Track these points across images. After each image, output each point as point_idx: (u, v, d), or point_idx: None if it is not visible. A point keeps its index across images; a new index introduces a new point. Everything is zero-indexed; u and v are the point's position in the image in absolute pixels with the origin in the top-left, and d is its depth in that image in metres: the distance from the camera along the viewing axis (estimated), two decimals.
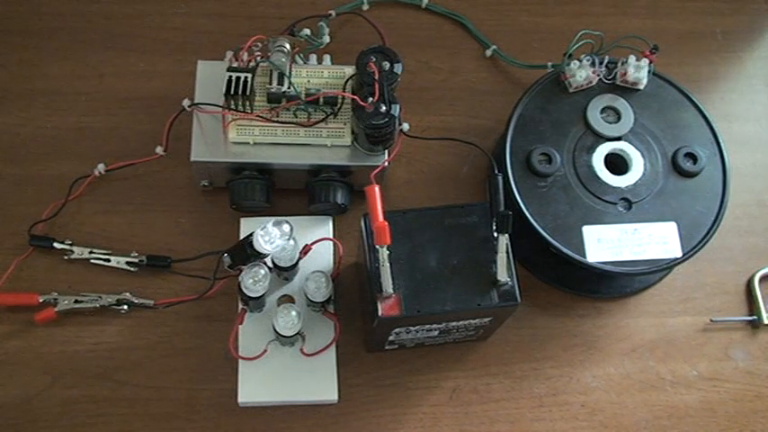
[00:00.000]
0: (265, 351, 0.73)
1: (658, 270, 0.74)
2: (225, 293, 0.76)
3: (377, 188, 0.65)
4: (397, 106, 0.71)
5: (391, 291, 0.65)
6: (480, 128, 0.85)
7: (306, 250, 0.74)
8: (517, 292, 0.66)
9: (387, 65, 0.72)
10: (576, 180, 0.75)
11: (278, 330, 0.70)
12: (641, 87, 0.79)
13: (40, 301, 0.74)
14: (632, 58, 0.78)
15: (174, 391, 0.73)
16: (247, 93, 0.71)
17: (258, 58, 0.74)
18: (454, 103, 0.86)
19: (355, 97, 0.71)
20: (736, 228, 0.84)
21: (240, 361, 0.73)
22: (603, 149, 0.77)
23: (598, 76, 0.78)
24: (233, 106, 0.72)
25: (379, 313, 0.64)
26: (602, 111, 0.78)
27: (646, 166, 0.76)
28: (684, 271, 0.81)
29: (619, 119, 0.78)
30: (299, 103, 0.73)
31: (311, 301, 0.72)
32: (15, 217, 0.77)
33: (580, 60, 0.77)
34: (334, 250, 0.77)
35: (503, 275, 0.66)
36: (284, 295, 0.76)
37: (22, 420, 0.71)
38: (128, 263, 0.76)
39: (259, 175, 0.75)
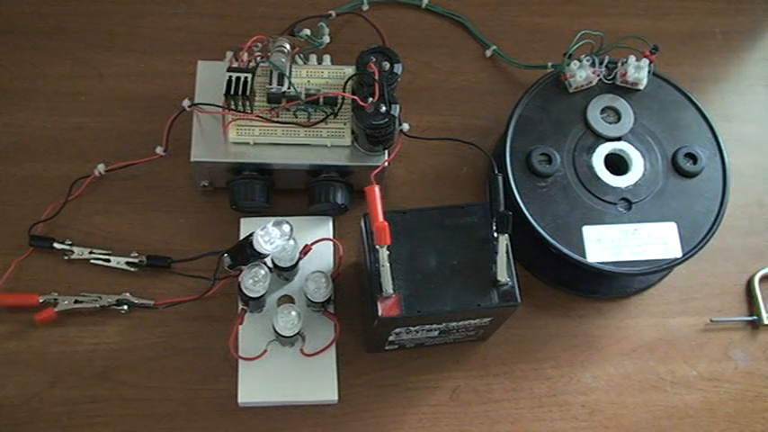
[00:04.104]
0: (265, 351, 0.73)
1: (658, 270, 0.74)
2: (225, 293, 0.76)
3: (377, 188, 0.65)
4: (397, 106, 0.71)
5: (391, 291, 0.65)
6: (480, 128, 0.85)
7: (306, 250, 0.74)
8: (517, 292, 0.66)
9: (387, 65, 0.72)
10: (575, 180, 0.75)
11: (278, 330, 0.70)
12: (641, 87, 0.79)
13: (40, 301, 0.74)
14: (632, 59, 0.78)
15: (174, 391, 0.73)
16: (247, 93, 0.71)
17: (258, 59, 0.74)
18: (454, 103, 0.87)
19: (355, 97, 0.71)
20: (736, 228, 0.84)
21: (240, 361, 0.73)
22: (603, 150, 0.77)
23: (598, 76, 0.78)
24: (233, 106, 0.72)
25: (379, 313, 0.64)
26: (602, 111, 0.78)
27: (646, 166, 0.76)
28: (684, 271, 0.81)
29: (619, 119, 0.78)
30: (298, 103, 0.73)
31: (311, 301, 0.72)
32: (15, 217, 0.77)
33: (580, 60, 0.77)
34: (334, 250, 0.77)
35: (503, 276, 0.66)
36: (284, 295, 0.76)
37: (22, 420, 0.71)
38: (128, 263, 0.76)
39: (259, 175, 0.75)
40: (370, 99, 0.71)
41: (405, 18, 0.90)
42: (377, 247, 0.65)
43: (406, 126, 0.76)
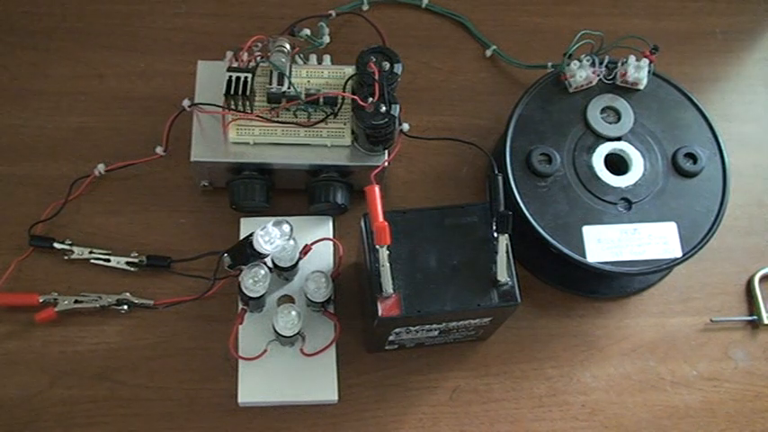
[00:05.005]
0: (265, 351, 0.73)
1: (658, 270, 0.74)
2: (225, 293, 0.76)
3: (377, 188, 0.65)
4: (397, 106, 0.71)
5: (391, 291, 0.65)
6: (480, 128, 0.85)
7: (306, 250, 0.74)
8: (517, 292, 0.66)
9: (387, 65, 0.72)
10: (576, 180, 0.75)
11: (278, 330, 0.70)
12: (641, 87, 0.79)
13: (40, 301, 0.74)
14: (632, 58, 0.78)
15: (174, 391, 0.73)
16: (247, 93, 0.71)
17: (258, 58, 0.74)
18: (454, 103, 0.87)
19: (355, 97, 0.71)
20: (736, 228, 0.84)
21: (240, 361, 0.73)
22: (603, 149, 0.77)
23: (598, 76, 0.78)
24: (233, 106, 0.72)
25: (379, 313, 0.64)
26: (602, 111, 0.78)
27: (646, 166, 0.76)
28: (684, 271, 0.81)
29: (619, 119, 0.78)
30: (299, 103, 0.73)
31: (311, 301, 0.72)
32: (15, 217, 0.77)
33: (580, 60, 0.77)
34: (334, 250, 0.77)
35: (503, 275, 0.66)
36: (284, 295, 0.76)
37: (22, 420, 0.71)
38: (128, 263, 0.76)
39: (259, 175, 0.75)
40: (370, 99, 0.71)
41: (405, 18, 0.90)
42: (377, 247, 0.65)
43: (406, 126, 0.76)
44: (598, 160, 0.76)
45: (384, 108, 0.71)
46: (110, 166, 0.79)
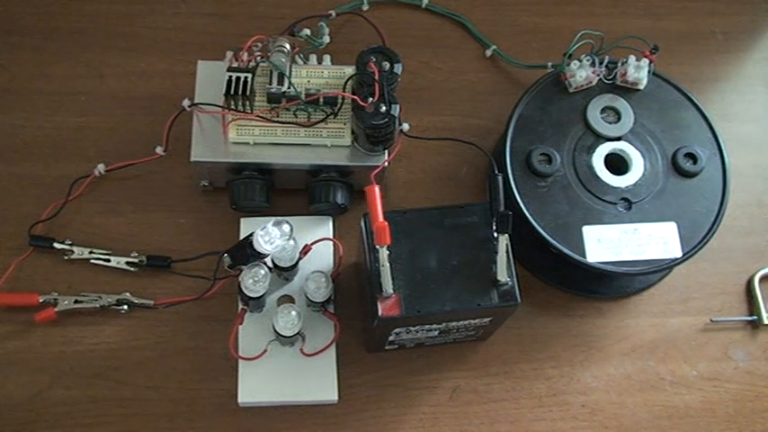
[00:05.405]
0: (265, 351, 0.73)
1: (658, 270, 0.74)
2: (225, 293, 0.76)
3: (377, 188, 0.65)
4: (397, 106, 0.71)
5: (391, 291, 0.65)
6: (480, 128, 0.85)
7: (306, 250, 0.74)
8: (517, 292, 0.66)
9: (387, 65, 0.72)
10: (575, 180, 0.75)
11: (278, 330, 0.70)
12: (641, 87, 0.79)
13: (40, 301, 0.74)
14: (632, 58, 0.78)
15: (174, 391, 0.73)
16: (247, 93, 0.71)
17: (258, 58, 0.74)
18: (454, 103, 0.87)
19: (355, 97, 0.71)
20: (736, 228, 0.84)
21: (240, 361, 0.73)
22: (603, 149, 0.77)
23: (598, 76, 0.78)
24: (233, 106, 0.72)
25: (379, 313, 0.64)
26: (602, 111, 0.78)
27: (646, 166, 0.76)
28: (684, 271, 0.81)
29: (619, 119, 0.78)
30: (298, 103, 0.73)
31: (311, 301, 0.72)
32: (15, 217, 0.77)
33: (580, 60, 0.77)
34: (334, 250, 0.77)
35: (503, 275, 0.66)
36: (284, 295, 0.76)
37: (22, 420, 0.71)
38: (128, 263, 0.76)
39: (259, 175, 0.75)
40: (370, 99, 0.71)
41: (405, 18, 0.90)
42: (377, 247, 0.65)
43: (406, 126, 0.76)
44: (598, 160, 0.76)
45: (384, 108, 0.71)
46: (110, 166, 0.79)
